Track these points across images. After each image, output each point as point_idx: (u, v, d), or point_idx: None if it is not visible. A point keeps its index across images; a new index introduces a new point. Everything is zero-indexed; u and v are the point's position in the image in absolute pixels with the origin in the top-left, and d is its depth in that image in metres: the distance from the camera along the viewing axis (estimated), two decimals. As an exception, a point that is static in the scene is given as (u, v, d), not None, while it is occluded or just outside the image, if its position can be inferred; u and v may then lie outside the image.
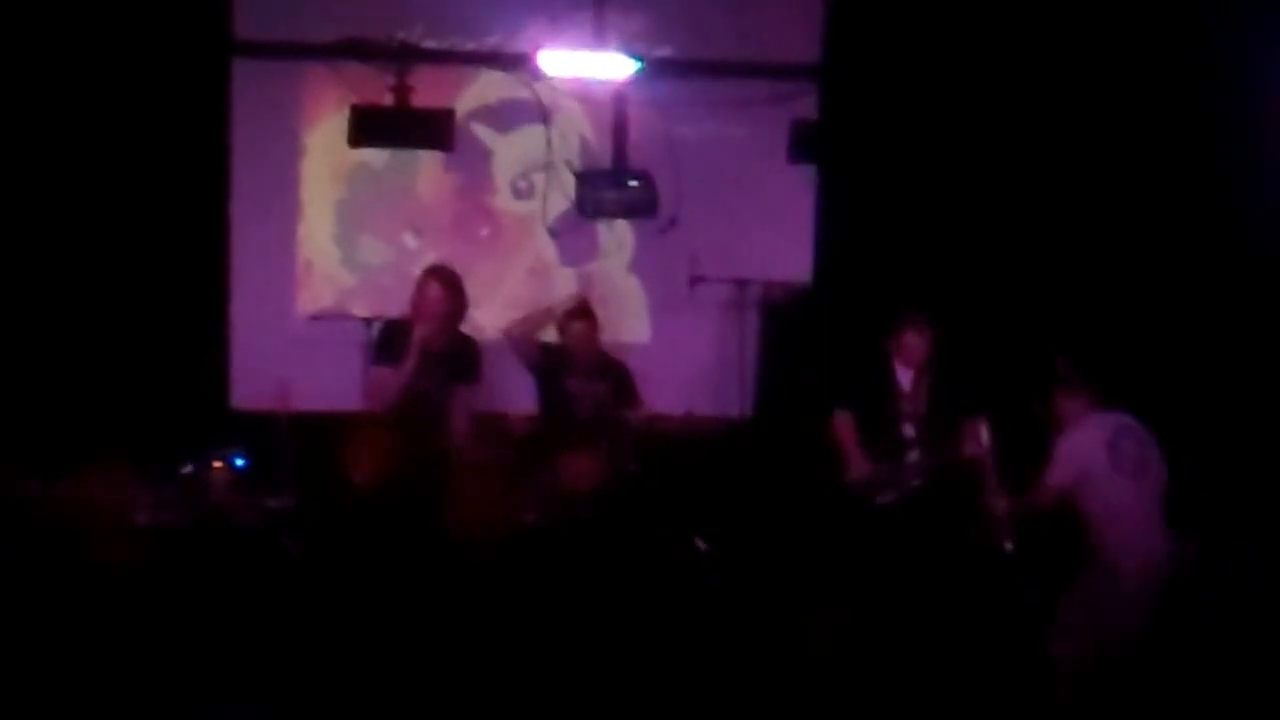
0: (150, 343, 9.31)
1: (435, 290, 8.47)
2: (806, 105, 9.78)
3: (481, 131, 9.90)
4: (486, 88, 9.85)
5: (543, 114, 9.79)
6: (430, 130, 9.20)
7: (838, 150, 9.73)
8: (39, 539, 8.07)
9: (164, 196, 9.32)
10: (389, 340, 8.53)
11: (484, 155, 9.94)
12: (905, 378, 8.51)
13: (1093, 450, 7.73)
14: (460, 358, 8.56)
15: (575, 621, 8.51)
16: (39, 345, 9.06)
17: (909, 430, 8.47)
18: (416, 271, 8.79)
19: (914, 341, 8.46)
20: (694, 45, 9.81)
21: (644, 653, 8.21)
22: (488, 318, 9.54)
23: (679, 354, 9.81)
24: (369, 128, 9.10)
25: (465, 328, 8.75)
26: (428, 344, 8.46)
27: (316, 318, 9.24)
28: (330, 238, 9.90)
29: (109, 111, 9.14)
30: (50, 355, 9.01)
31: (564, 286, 9.97)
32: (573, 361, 9.07)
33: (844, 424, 8.51)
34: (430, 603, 8.29)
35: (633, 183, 9.44)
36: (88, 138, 9.14)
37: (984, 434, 8.07)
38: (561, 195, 9.75)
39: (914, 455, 8.43)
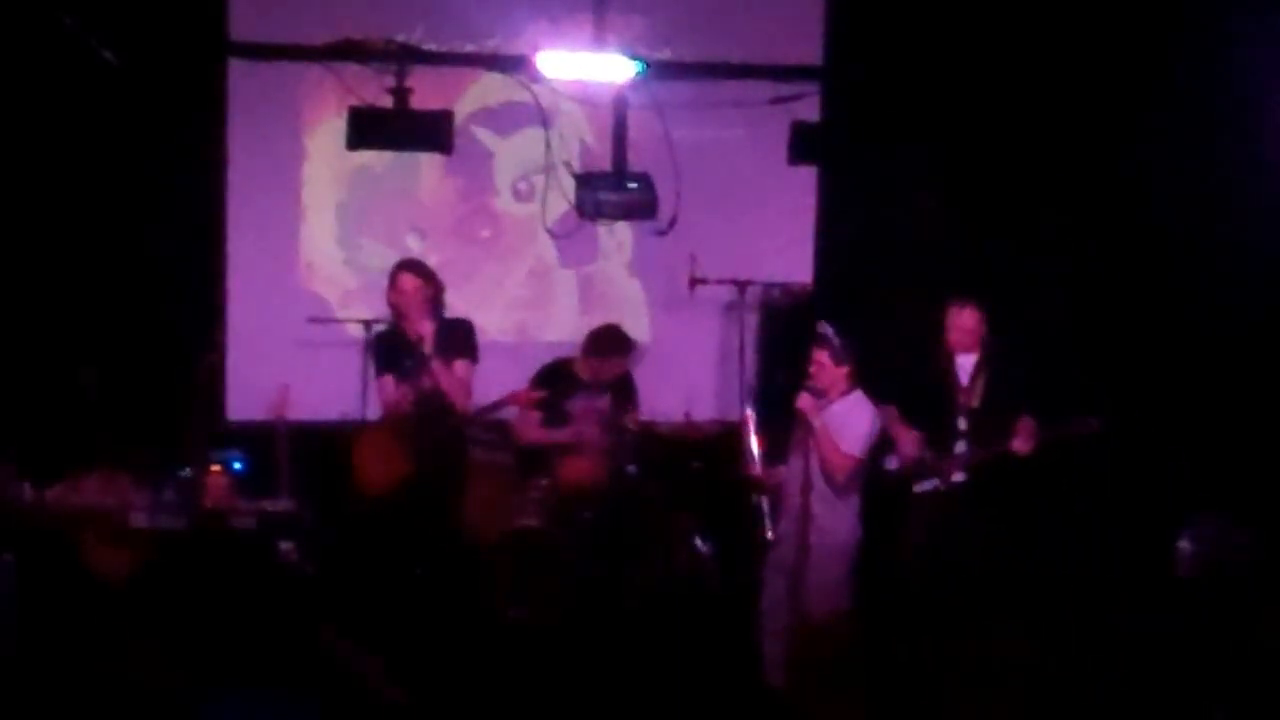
0: (149, 347, 9.30)
1: (410, 280, 8.54)
2: (807, 107, 9.76)
3: (481, 134, 9.89)
4: (486, 90, 9.84)
5: (542, 116, 9.77)
6: (430, 133, 9.17)
7: (839, 151, 9.71)
8: (37, 543, 8.09)
9: (161, 200, 9.30)
10: (389, 347, 8.57)
11: (484, 157, 9.93)
12: (964, 372, 8.43)
13: (875, 428, 7.87)
14: (456, 336, 8.58)
15: (575, 622, 8.53)
16: (37, 350, 9.06)
17: (961, 423, 8.39)
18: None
19: (962, 320, 8.39)
20: (694, 47, 9.78)
21: (644, 652, 8.22)
22: (489, 319, 9.55)
23: (679, 355, 9.81)
24: (368, 130, 9.08)
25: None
26: (422, 339, 8.47)
27: (316, 320, 9.23)
28: (332, 240, 9.88)
29: (104, 114, 9.12)
30: (48, 360, 9.00)
31: (564, 288, 9.98)
32: (577, 378, 9.06)
33: (890, 413, 8.36)
34: (432, 603, 8.32)
35: (632, 185, 9.44)
36: (83, 141, 9.12)
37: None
38: (561, 197, 9.74)
39: (961, 447, 8.36)
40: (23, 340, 9.05)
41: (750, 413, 8.55)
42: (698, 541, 8.88)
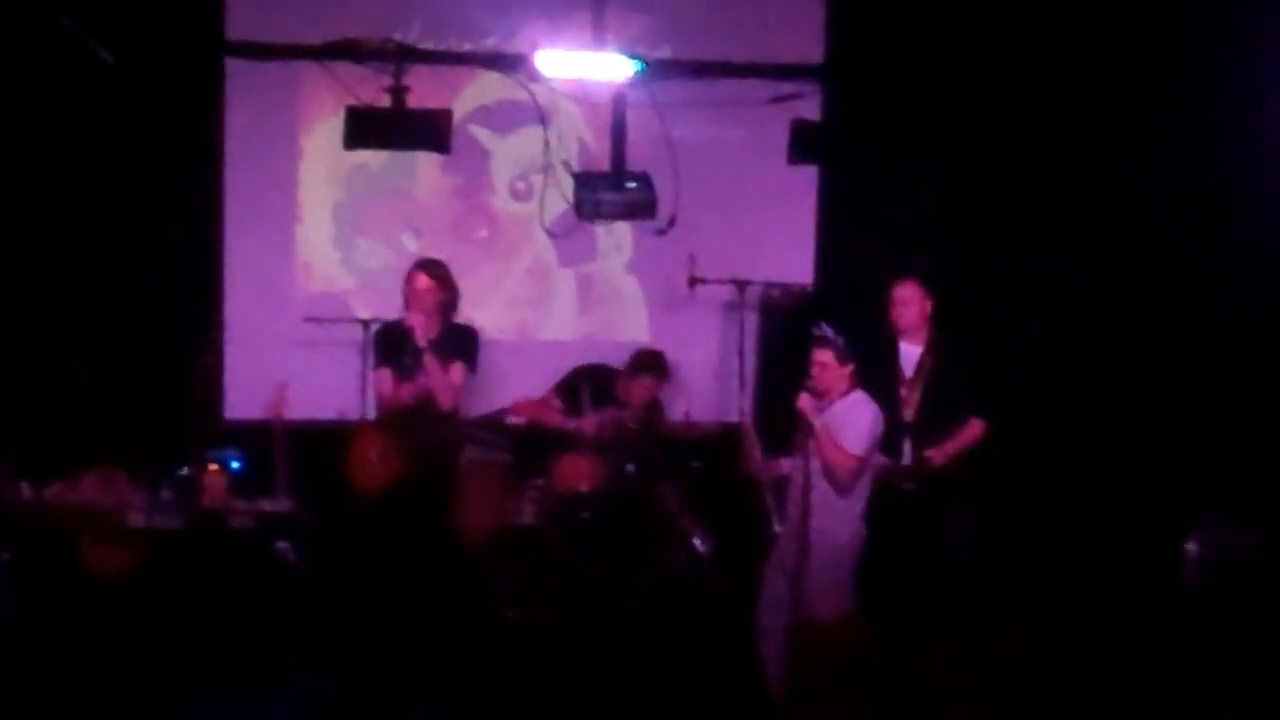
0: (146, 347, 9.28)
1: (424, 281, 8.52)
2: (807, 106, 9.74)
3: (479, 133, 9.86)
4: (484, 89, 9.81)
5: (541, 115, 9.75)
6: (427, 132, 9.13)
7: (839, 151, 9.69)
8: (35, 541, 8.08)
9: (158, 199, 9.28)
10: (389, 342, 8.56)
11: (482, 157, 9.91)
12: (909, 364, 8.34)
13: (877, 427, 7.78)
14: (458, 341, 8.58)
15: (572, 622, 8.51)
16: (35, 349, 9.03)
17: (906, 414, 8.27)
18: (415, 273, 8.84)
19: (903, 295, 8.30)
20: (693, 46, 9.77)
21: (642, 652, 8.20)
22: (487, 319, 9.50)
23: (678, 355, 9.74)
24: (365, 129, 9.04)
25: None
26: (414, 330, 8.46)
27: (313, 320, 9.21)
28: (328, 240, 9.86)
29: (101, 113, 9.10)
30: (46, 359, 8.97)
31: (563, 287, 9.95)
32: (614, 397, 9.07)
33: None
34: (431, 601, 8.30)
35: (631, 184, 9.41)
36: (80, 140, 9.11)
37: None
38: (560, 197, 9.72)
39: (906, 449, 8.24)
40: (21, 340, 9.03)
41: (748, 418, 8.54)
42: (696, 542, 8.86)
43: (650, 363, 9.25)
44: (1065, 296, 9.51)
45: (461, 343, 8.62)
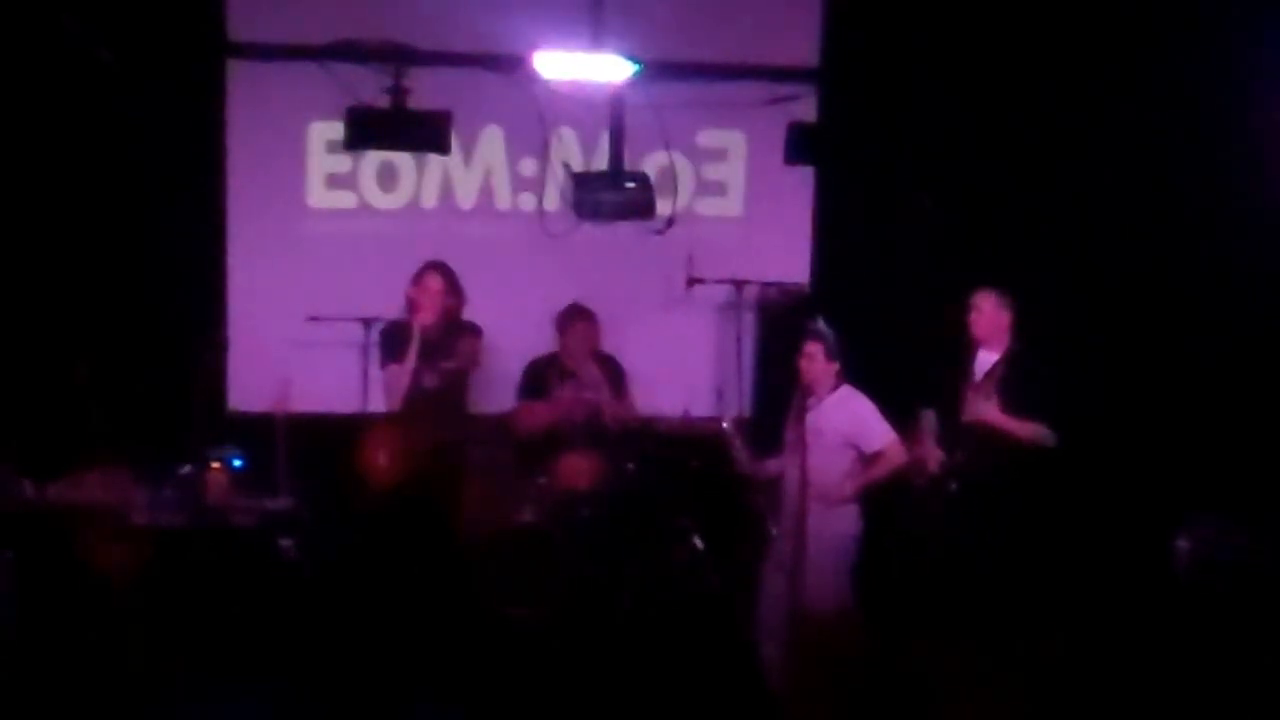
0: (148, 345, 9.30)
1: (436, 282, 8.61)
2: (804, 107, 9.79)
3: (479, 134, 9.89)
4: (484, 89, 9.85)
5: (540, 116, 9.78)
6: (428, 132, 9.17)
7: (836, 152, 9.73)
8: (37, 539, 8.10)
9: (161, 199, 9.31)
10: (395, 339, 8.63)
11: (481, 157, 9.93)
12: (980, 371, 8.25)
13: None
14: (460, 331, 8.67)
15: (572, 620, 8.55)
16: (36, 348, 9.05)
17: (966, 417, 8.16)
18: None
19: (980, 303, 8.23)
20: (691, 47, 9.82)
21: (642, 650, 8.24)
22: (485, 319, 9.53)
23: (676, 355, 9.81)
24: (365, 130, 9.07)
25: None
26: (428, 336, 8.54)
27: (315, 319, 9.24)
28: (329, 240, 9.88)
29: (103, 114, 9.14)
30: (49, 358, 8.99)
31: (561, 287, 9.97)
32: (562, 367, 9.11)
33: (928, 422, 8.24)
34: (432, 599, 8.34)
35: (630, 184, 9.44)
36: (83, 142, 9.15)
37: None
38: (559, 197, 9.76)
39: (958, 454, 8.18)
40: (23, 338, 9.05)
41: (728, 420, 8.60)
42: (696, 540, 8.90)
43: (578, 311, 9.33)
44: (1062, 296, 9.54)
45: (466, 331, 8.75)
